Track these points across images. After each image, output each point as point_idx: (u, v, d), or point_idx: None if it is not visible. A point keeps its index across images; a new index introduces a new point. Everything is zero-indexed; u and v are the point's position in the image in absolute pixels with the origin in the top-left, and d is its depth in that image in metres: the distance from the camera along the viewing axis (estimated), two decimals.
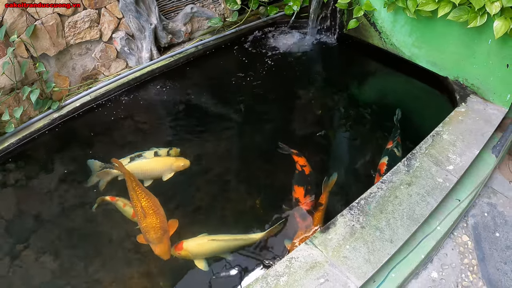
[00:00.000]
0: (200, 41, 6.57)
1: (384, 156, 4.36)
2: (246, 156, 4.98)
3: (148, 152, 4.61)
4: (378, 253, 3.06)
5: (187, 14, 6.33)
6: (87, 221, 4.38)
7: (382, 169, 4.18)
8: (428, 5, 4.58)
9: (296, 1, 6.44)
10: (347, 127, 5.17)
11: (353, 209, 3.35)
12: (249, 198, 4.36)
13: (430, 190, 3.53)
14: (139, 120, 5.63)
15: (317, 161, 4.67)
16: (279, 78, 5.93)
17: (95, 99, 5.79)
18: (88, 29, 5.62)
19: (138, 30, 5.88)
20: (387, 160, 4.26)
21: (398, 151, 4.40)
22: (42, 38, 5.27)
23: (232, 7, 6.36)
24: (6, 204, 4.77)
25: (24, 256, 4.15)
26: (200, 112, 5.61)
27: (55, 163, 5.13)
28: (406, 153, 4.03)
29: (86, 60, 5.87)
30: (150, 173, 4.45)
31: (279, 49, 6.43)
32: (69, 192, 4.72)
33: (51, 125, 5.51)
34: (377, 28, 5.61)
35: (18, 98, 5.25)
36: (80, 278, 3.87)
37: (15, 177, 5.06)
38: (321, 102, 5.63)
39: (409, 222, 3.28)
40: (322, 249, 3.07)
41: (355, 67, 6.03)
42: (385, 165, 4.21)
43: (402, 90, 5.54)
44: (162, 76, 6.23)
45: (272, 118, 5.39)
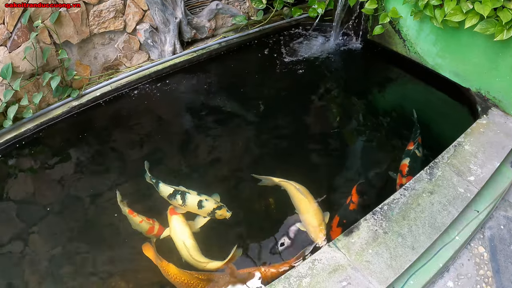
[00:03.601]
0: (224, 38, 6.57)
1: (405, 157, 4.37)
2: (260, 154, 5.00)
3: (193, 195, 4.18)
4: (400, 259, 3.07)
5: (212, 11, 6.34)
6: (95, 211, 4.41)
7: (404, 170, 4.19)
8: (456, 16, 4.56)
9: (320, 4, 6.42)
10: (366, 132, 5.17)
11: (376, 214, 3.37)
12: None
13: (451, 199, 3.54)
14: (158, 113, 5.64)
15: (335, 164, 4.70)
16: (300, 81, 5.92)
17: (115, 89, 5.80)
18: (113, 19, 5.63)
19: (162, 23, 5.89)
20: (408, 162, 4.26)
21: (419, 152, 4.41)
22: (66, 26, 5.29)
23: (257, 6, 6.36)
24: (18, 188, 4.81)
25: (33, 240, 4.18)
26: (218, 109, 5.61)
27: (71, 151, 5.16)
28: (426, 156, 4.09)
29: (108, 50, 5.88)
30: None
31: (301, 51, 6.41)
32: (81, 181, 4.74)
33: (70, 113, 5.52)
34: (401, 35, 5.60)
35: (37, 84, 5.27)
36: (87, 265, 3.92)
37: (29, 162, 5.10)
38: (341, 106, 5.65)
39: (430, 230, 3.29)
40: (345, 252, 3.09)
41: (377, 74, 6.02)
42: (407, 166, 4.22)
43: (423, 99, 5.53)
44: (183, 71, 6.22)
45: (290, 120, 5.39)
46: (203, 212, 4.02)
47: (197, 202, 4.04)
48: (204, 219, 4.02)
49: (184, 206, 4.07)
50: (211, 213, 4.00)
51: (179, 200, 4.08)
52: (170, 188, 4.19)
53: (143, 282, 3.76)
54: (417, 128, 4.77)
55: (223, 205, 4.06)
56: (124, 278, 3.77)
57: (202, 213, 4.03)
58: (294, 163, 4.76)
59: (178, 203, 4.09)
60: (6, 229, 4.29)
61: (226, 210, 4.03)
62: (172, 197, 4.13)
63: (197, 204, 4.02)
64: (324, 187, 4.42)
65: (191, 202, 4.06)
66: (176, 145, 5.18)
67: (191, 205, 4.05)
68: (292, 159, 4.81)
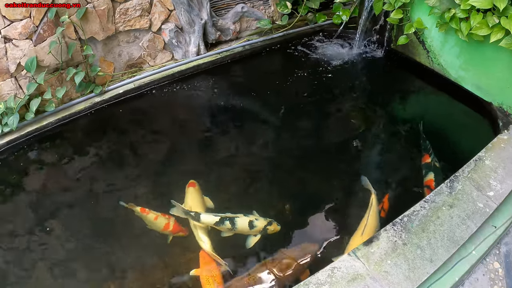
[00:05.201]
0: (248, 41, 6.61)
1: (428, 171, 4.37)
2: (281, 157, 5.02)
3: (241, 218, 4.07)
4: (418, 271, 3.08)
5: (237, 13, 6.37)
6: (110, 207, 4.45)
7: (432, 185, 4.17)
8: (482, 30, 4.56)
9: (345, 11, 6.42)
10: (385, 142, 5.18)
11: (396, 225, 3.38)
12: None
13: (470, 214, 3.54)
14: (180, 113, 5.70)
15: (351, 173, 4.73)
16: (322, 87, 5.93)
17: (138, 87, 5.85)
18: (139, 18, 5.68)
19: (188, 23, 5.93)
20: (433, 176, 4.27)
21: (437, 163, 4.44)
22: (92, 22, 5.35)
23: (282, 11, 6.39)
24: (36, 180, 4.88)
25: (47, 233, 4.24)
26: (240, 111, 5.64)
27: (91, 146, 5.20)
28: (445, 169, 4.17)
29: (133, 48, 5.93)
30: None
31: (324, 57, 6.41)
32: (99, 177, 4.80)
33: (92, 108, 5.58)
34: (425, 46, 5.59)
35: (61, 79, 5.33)
36: (101, 258, 4.00)
37: (49, 155, 5.16)
38: (361, 114, 5.64)
39: (449, 244, 3.30)
40: (365, 261, 3.10)
41: (399, 83, 6.01)
42: (433, 181, 4.22)
43: (444, 111, 5.51)
44: (207, 72, 6.25)
45: (310, 127, 5.41)
46: (255, 232, 3.98)
47: (248, 223, 3.98)
48: (256, 237, 3.98)
49: (235, 230, 4.01)
50: (263, 231, 3.99)
51: (228, 225, 3.98)
52: (215, 217, 4.04)
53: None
54: (425, 139, 4.79)
55: (272, 220, 4.04)
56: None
57: (254, 232, 3.98)
58: (314, 170, 4.81)
59: (227, 228, 4.01)
60: (22, 220, 4.38)
61: (277, 224, 4.04)
62: (220, 224, 4.01)
63: (248, 225, 3.96)
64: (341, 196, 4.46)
65: (241, 224, 3.99)
66: (196, 147, 5.23)
67: (242, 227, 3.98)
68: (311, 165, 4.86)
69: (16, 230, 4.28)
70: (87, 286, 3.82)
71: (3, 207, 4.57)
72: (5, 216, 4.44)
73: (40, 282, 3.86)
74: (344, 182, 4.67)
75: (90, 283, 3.83)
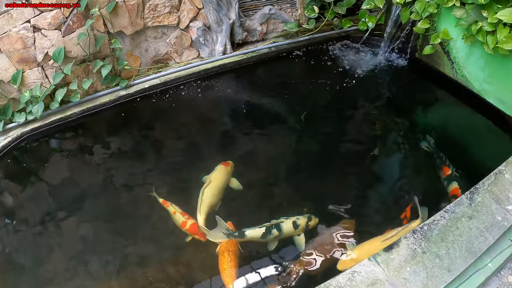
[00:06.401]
0: (274, 43, 6.67)
1: (451, 181, 4.40)
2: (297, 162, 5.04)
3: (285, 222, 4.04)
4: (436, 279, 3.13)
5: (265, 15, 6.43)
6: (128, 200, 4.54)
7: (459, 194, 4.19)
8: (508, 44, 4.57)
9: (371, 18, 6.45)
10: (403, 151, 5.21)
11: (416, 233, 3.42)
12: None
13: (489, 226, 3.57)
14: (204, 111, 5.75)
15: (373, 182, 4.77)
16: (344, 93, 5.96)
17: (164, 83, 5.93)
18: (167, 14, 5.75)
19: (215, 22, 5.99)
20: (458, 184, 4.32)
21: (457, 174, 4.47)
22: (121, 16, 5.43)
23: (309, 15, 6.43)
24: (57, 169, 4.98)
25: (63, 221, 4.36)
26: (263, 112, 5.71)
27: (113, 139, 5.33)
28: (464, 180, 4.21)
29: (160, 44, 6.01)
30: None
31: (348, 63, 6.44)
32: (118, 169, 4.90)
33: (117, 101, 5.68)
34: (450, 57, 5.61)
35: (87, 70, 5.41)
36: (118, 247, 4.07)
37: (72, 145, 5.24)
38: (381, 122, 5.67)
39: (467, 254, 3.33)
40: (384, 267, 3.15)
41: (422, 93, 6.00)
42: (459, 189, 4.26)
43: (466, 123, 5.51)
44: (232, 71, 6.33)
45: (328, 131, 5.45)
46: (299, 231, 3.99)
47: (292, 224, 3.99)
48: (301, 237, 3.99)
49: (282, 235, 3.97)
50: (305, 227, 4.03)
51: (275, 233, 3.93)
52: (260, 229, 3.96)
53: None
54: (438, 152, 4.82)
55: (310, 215, 4.10)
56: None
57: (298, 232, 3.99)
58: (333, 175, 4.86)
59: (274, 237, 3.94)
60: (42, 208, 4.48)
61: (314, 217, 4.11)
62: (267, 235, 3.93)
63: (293, 226, 3.98)
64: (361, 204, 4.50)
65: (287, 228, 3.97)
66: (216, 145, 5.28)
67: (288, 230, 3.97)
68: (327, 170, 4.90)
69: (32, 216, 4.40)
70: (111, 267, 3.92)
71: (21, 192, 4.69)
72: (23, 200, 4.59)
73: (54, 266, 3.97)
74: (359, 190, 4.70)
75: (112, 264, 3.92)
